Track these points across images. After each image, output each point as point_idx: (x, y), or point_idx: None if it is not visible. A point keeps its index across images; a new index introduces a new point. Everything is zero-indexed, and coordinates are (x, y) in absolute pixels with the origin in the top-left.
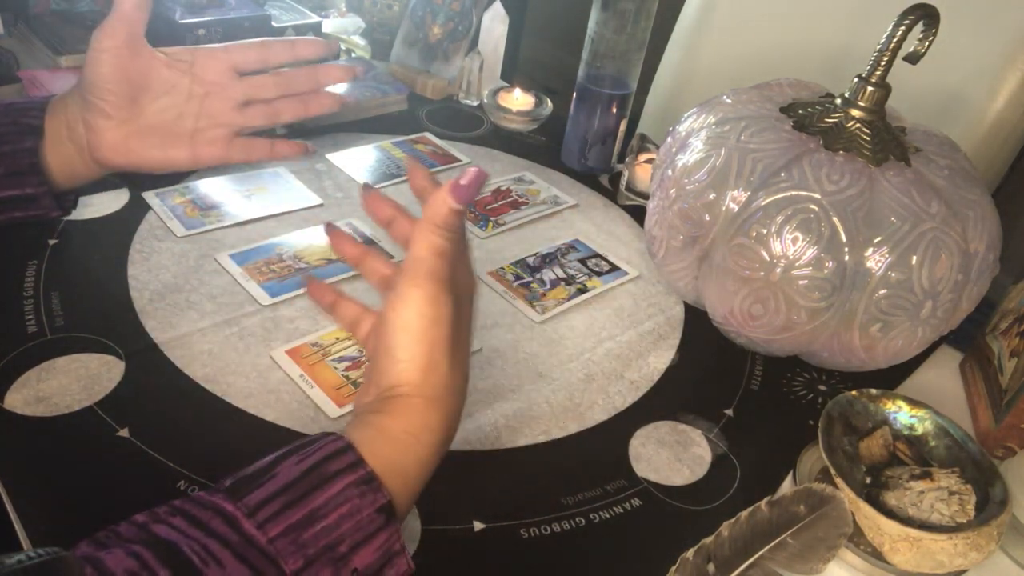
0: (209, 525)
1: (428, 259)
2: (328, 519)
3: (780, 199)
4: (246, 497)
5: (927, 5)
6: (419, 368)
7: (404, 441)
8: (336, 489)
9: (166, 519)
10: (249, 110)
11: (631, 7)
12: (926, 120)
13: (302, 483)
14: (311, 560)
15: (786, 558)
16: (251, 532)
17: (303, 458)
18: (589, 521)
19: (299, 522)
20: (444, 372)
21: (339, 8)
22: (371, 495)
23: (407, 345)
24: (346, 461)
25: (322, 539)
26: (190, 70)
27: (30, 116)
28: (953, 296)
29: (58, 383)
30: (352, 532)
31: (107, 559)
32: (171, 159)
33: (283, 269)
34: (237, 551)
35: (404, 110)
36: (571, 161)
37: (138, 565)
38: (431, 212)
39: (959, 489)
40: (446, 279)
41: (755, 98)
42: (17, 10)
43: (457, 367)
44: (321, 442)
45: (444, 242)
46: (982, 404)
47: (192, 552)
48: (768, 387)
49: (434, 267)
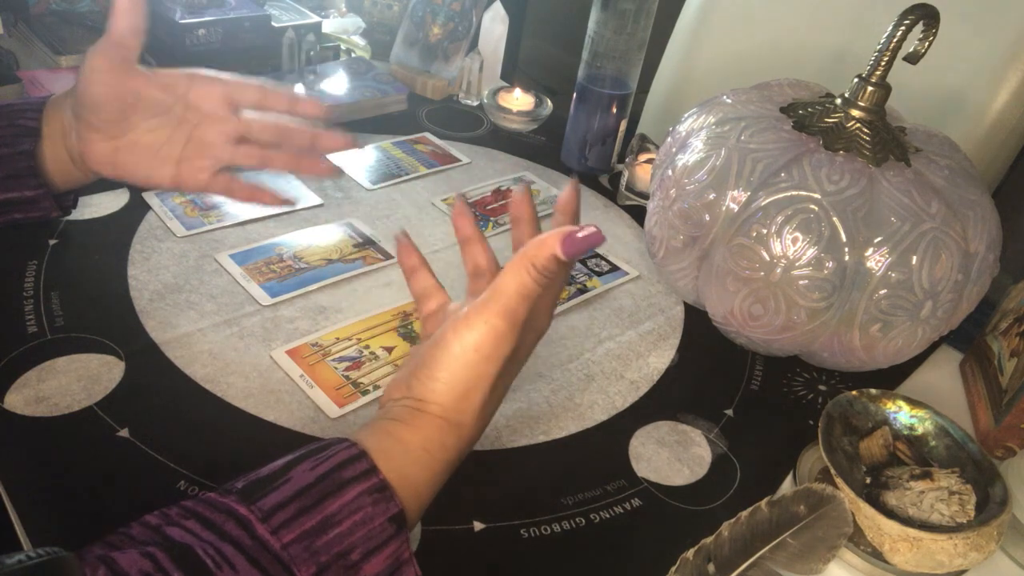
0: (223, 528)
1: (511, 297)
2: (341, 526)
3: (780, 199)
4: (260, 500)
5: (927, 5)
6: (455, 394)
7: (419, 456)
8: (350, 496)
9: (179, 521)
10: (241, 149)
11: (631, 7)
12: (926, 120)
13: (316, 489)
14: (324, 567)
15: (786, 558)
16: (265, 537)
17: (317, 463)
18: (589, 521)
19: (313, 528)
20: (476, 403)
21: (339, 8)
22: (384, 504)
23: (452, 369)
24: (360, 468)
25: (335, 546)
26: (185, 97)
27: (27, 117)
28: (953, 296)
29: (58, 383)
30: (364, 540)
31: (120, 559)
32: (155, 179)
33: (283, 269)
34: (251, 555)
35: (404, 110)
36: (571, 161)
37: (152, 566)
38: (534, 252)
39: (959, 489)
40: (520, 321)
41: (755, 98)
42: (17, 10)
43: (492, 401)
44: (335, 448)
45: (535, 285)
46: (982, 404)
47: (206, 555)
48: (768, 387)
49: (513, 307)
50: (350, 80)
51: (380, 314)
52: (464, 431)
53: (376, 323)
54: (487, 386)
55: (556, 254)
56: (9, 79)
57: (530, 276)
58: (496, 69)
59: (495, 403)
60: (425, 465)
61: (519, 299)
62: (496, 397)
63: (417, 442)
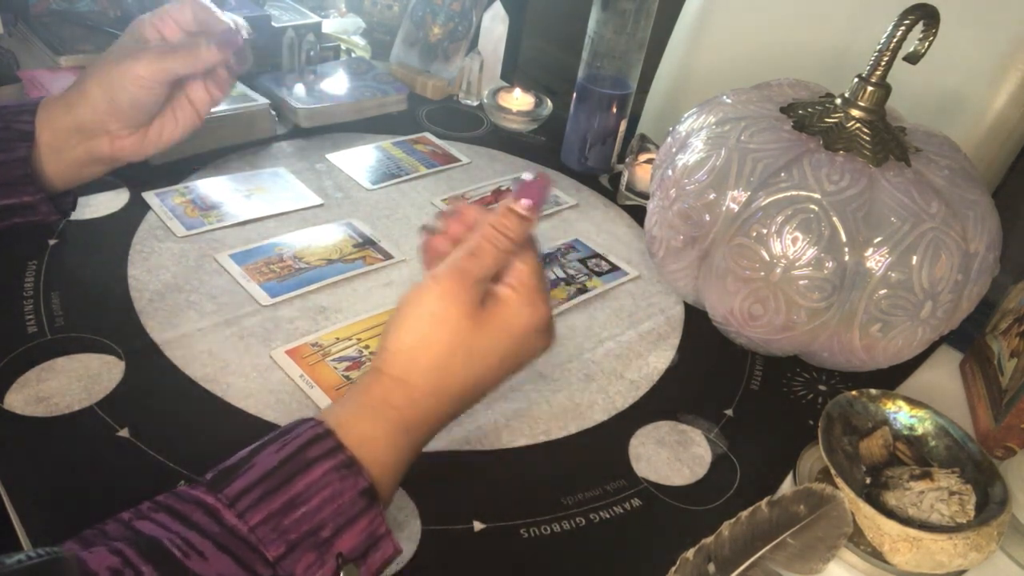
0: (191, 518)
1: (460, 256)
2: (309, 504)
3: (780, 199)
4: (226, 488)
5: (927, 5)
6: (400, 348)
7: (368, 412)
8: (317, 474)
9: (149, 515)
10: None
11: (631, 7)
12: (926, 120)
13: (281, 471)
14: (294, 545)
15: (786, 558)
16: (232, 522)
17: (282, 446)
18: (589, 521)
19: (280, 508)
20: (423, 363)
21: (339, 8)
22: (352, 479)
23: (398, 323)
24: (326, 447)
25: (304, 524)
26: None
27: (21, 121)
28: (953, 296)
29: (58, 383)
30: (334, 516)
31: (89, 560)
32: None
33: (283, 269)
34: (219, 541)
35: (404, 110)
36: (571, 161)
37: (120, 562)
38: (492, 217)
39: (959, 489)
40: (470, 282)
41: (755, 98)
42: (17, 10)
43: (453, 374)
44: (299, 429)
45: (489, 246)
46: (982, 404)
47: (173, 545)
48: (768, 387)
49: (462, 265)
50: (350, 80)
51: (380, 314)
52: (414, 392)
53: (376, 323)
54: (439, 350)
55: (508, 204)
56: (9, 79)
57: (488, 237)
58: (496, 69)
59: (462, 381)
60: (373, 421)
61: (468, 257)
62: (460, 372)
63: (366, 400)
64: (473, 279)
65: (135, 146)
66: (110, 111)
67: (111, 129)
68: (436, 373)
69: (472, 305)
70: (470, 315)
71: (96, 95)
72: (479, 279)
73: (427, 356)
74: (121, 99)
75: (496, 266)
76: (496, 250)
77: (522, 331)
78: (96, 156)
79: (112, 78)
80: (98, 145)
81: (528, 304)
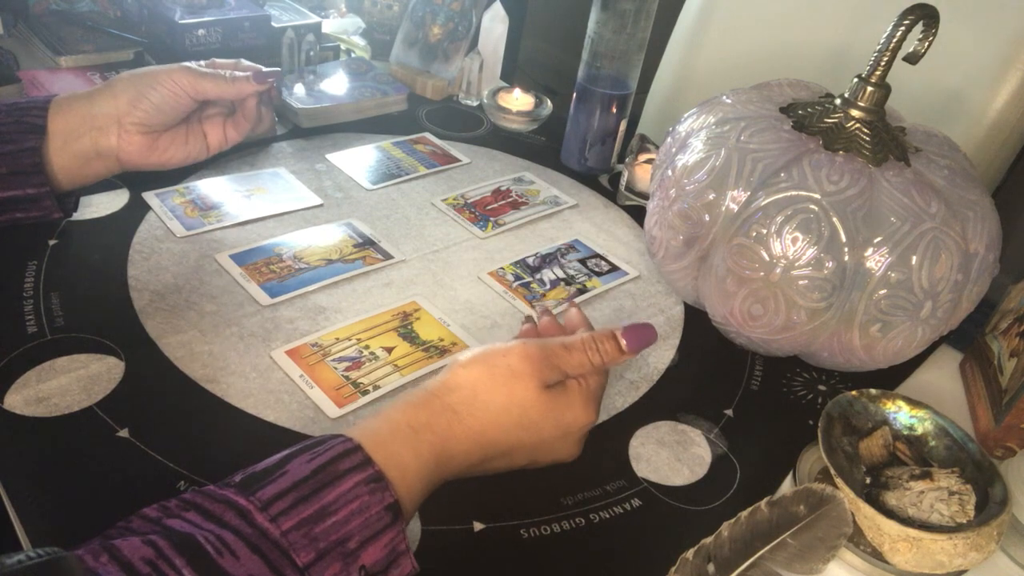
0: (223, 518)
1: (556, 344)
2: (339, 515)
3: (780, 199)
4: (258, 492)
5: (927, 5)
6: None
7: (405, 433)
8: (346, 486)
9: (179, 513)
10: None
11: (631, 7)
12: (926, 120)
13: (313, 480)
14: (323, 553)
15: (786, 558)
16: (264, 525)
17: (313, 457)
18: (589, 521)
19: (311, 516)
20: (480, 404)
21: (339, 8)
22: (379, 493)
23: (476, 361)
24: (355, 460)
25: (333, 534)
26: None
27: (33, 115)
28: (953, 296)
29: (58, 383)
30: (361, 528)
31: (122, 546)
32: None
33: (283, 269)
34: (251, 542)
35: (404, 110)
36: (571, 161)
37: (154, 552)
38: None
39: (959, 489)
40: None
41: (755, 98)
42: (17, 10)
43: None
44: (331, 443)
45: (582, 350)
46: (982, 404)
47: (207, 542)
48: (768, 387)
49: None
50: (350, 80)
51: (380, 314)
52: (459, 427)
53: (376, 323)
54: (500, 400)
55: (616, 331)
56: (9, 79)
57: (582, 339)
58: (496, 69)
59: (504, 438)
60: (407, 443)
61: (561, 346)
62: (506, 429)
63: (409, 420)
64: (557, 362)
65: (140, 149)
66: (132, 102)
67: (123, 122)
68: (487, 417)
69: (545, 380)
70: (539, 387)
71: (123, 87)
72: (560, 368)
73: (487, 399)
74: (149, 95)
75: (577, 370)
76: (586, 358)
77: (567, 424)
78: (101, 149)
79: (147, 76)
80: (105, 137)
81: (585, 403)
